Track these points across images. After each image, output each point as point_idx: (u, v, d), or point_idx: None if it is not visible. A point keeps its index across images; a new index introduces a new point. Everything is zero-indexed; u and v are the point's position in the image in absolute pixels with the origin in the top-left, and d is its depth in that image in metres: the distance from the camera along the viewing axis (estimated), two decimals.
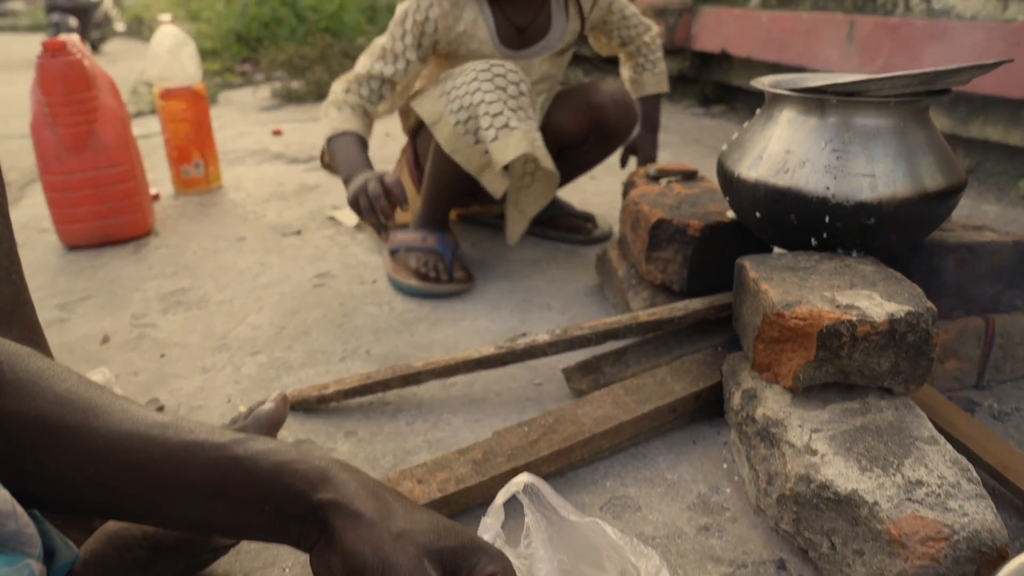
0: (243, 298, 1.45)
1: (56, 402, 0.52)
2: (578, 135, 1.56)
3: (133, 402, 0.54)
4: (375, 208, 1.24)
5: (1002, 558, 0.62)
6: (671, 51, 3.26)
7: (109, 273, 1.60)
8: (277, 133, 3.03)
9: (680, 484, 0.88)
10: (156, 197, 2.09)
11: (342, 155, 1.37)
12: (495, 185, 1.35)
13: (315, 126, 3.20)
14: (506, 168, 1.36)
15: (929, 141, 0.89)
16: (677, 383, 0.95)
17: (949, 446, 0.71)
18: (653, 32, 1.63)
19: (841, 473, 0.69)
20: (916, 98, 0.86)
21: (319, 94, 3.91)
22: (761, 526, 0.80)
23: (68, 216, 1.70)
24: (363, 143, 1.40)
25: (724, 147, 1.04)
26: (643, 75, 1.65)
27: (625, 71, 1.69)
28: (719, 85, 3.26)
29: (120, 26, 11.14)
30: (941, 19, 1.97)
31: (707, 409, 0.97)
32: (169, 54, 2.05)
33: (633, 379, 0.97)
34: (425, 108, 1.36)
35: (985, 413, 1.00)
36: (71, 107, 1.64)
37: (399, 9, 1.42)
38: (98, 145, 1.68)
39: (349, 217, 1.85)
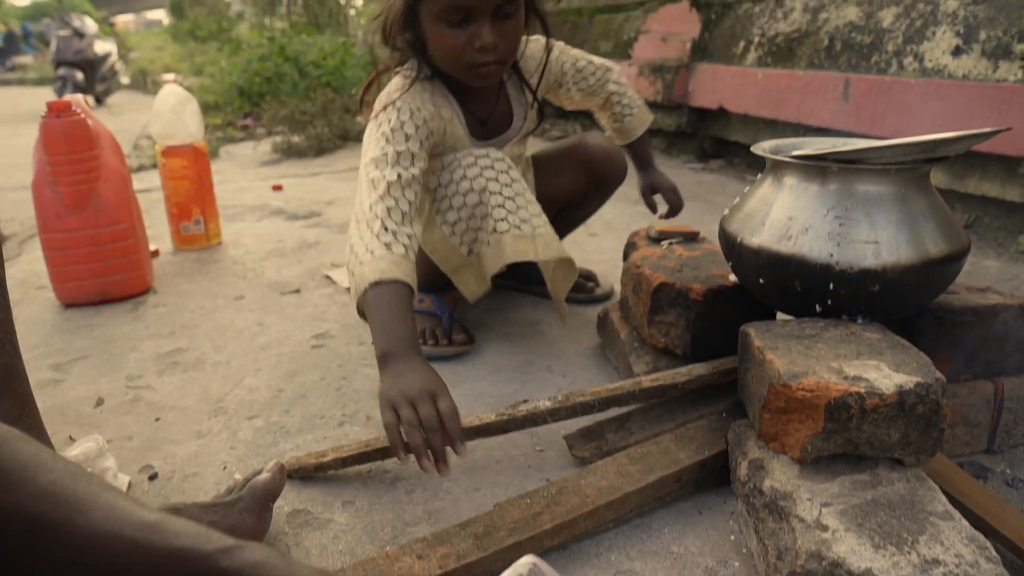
0: (241, 359, 1.43)
1: (39, 495, 0.50)
2: (576, 193, 1.57)
3: (120, 494, 0.52)
4: (422, 442, 0.88)
5: None
6: (668, 107, 3.31)
7: (106, 332, 1.59)
8: (277, 188, 3.05)
9: (687, 557, 0.86)
10: (155, 253, 2.09)
11: (385, 317, 1.02)
12: (471, 288, 1.33)
13: (315, 181, 3.22)
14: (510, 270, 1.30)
15: (931, 207, 0.89)
16: (682, 451, 0.93)
17: (965, 521, 0.69)
18: (615, 73, 1.55)
19: (854, 551, 0.67)
20: (916, 165, 0.86)
21: (319, 148, 3.95)
22: None
23: (66, 274, 1.70)
24: (411, 298, 1.07)
25: (726, 211, 1.04)
26: (625, 120, 1.58)
27: (604, 120, 1.62)
28: (717, 140, 3.30)
29: (125, 79, 11.34)
30: (934, 78, 2.00)
31: (713, 478, 0.95)
32: (172, 112, 2.07)
33: (637, 447, 0.95)
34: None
35: (998, 480, 0.98)
36: (73, 166, 1.64)
37: (386, 120, 1.23)
38: (99, 203, 1.69)
39: (346, 278, 1.81)
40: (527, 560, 0.58)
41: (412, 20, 1.20)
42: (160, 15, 29.04)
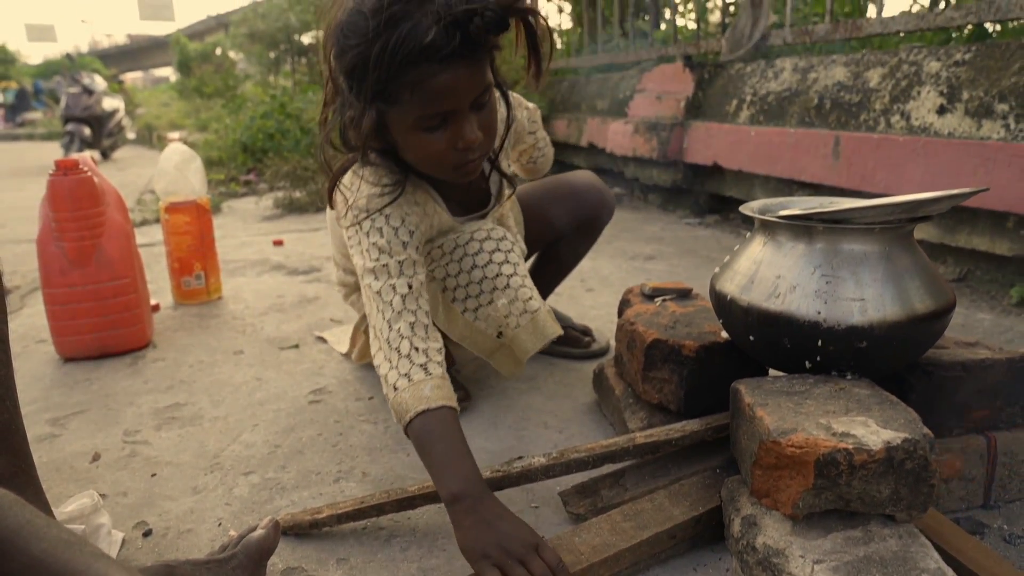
0: (238, 414, 1.44)
1: (30, 566, 0.50)
2: (565, 228, 1.59)
3: (112, 562, 0.52)
4: None
5: None
6: (664, 163, 3.37)
7: (104, 387, 1.59)
8: (278, 243, 3.08)
9: None
10: (156, 308, 2.10)
11: (442, 452, 0.97)
12: (508, 368, 1.33)
13: (316, 236, 3.26)
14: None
15: (915, 265, 0.91)
16: (676, 508, 0.94)
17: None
18: (538, 114, 1.51)
19: None
20: (900, 224, 0.89)
21: (320, 204, 4.01)
22: None
23: (67, 328, 1.71)
24: (458, 422, 1.02)
25: (716, 269, 1.06)
26: (539, 162, 1.58)
27: (516, 158, 1.56)
28: (712, 196, 3.35)
29: (131, 134, 11.55)
30: (920, 136, 2.05)
31: (707, 534, 0.95)
32: (176, 170, 2.11)
33: (631, 504, 0.95)
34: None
35: (995, 536, 0.98)
36: (78, 222, 1.67)
37: (375, 231, 1.17)
38: (102, 259, 1.71)
39: (340, 342, 1.79)
40: None
41: (382, 130, 1.11)
42: (168, 72, 29.74)
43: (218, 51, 19.50)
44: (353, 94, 1.07)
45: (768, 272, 0.93)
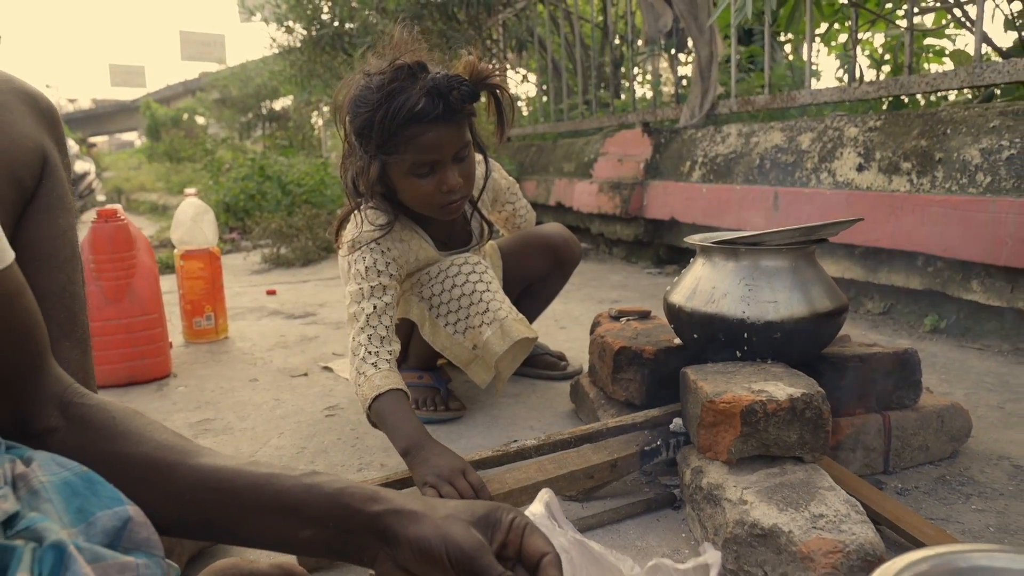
0: (264, 426, 1.66)
1: (158, 447, 0.71)
2: (541, 271, 1.87)
3: (216, 451, 0.74)
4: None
5: (881, 563, 0.84)
6: (627, 219, 3.70)
7: (137, 407, 1.79)
8: (271, 292, 3.31)
9: (647, 549, 1.09)
10: (169, 345, 2.31)
11: (394, 421, 1.29)
12: (480, 376, 1.58)
13: (305, 287, 3.50)
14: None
15: (817, 275, 1.20)
16: (596, 456, 1.20)
17: (843, 491, 0.95)
18: (517, 187, 1.88)
19: (765, 513, 0.92)
20: (803, 245, 1.18)
21: (305, 259, 4.25)
22: None
23: (100, 358, 1.91)
24: (407, 399, 1.35)
25: (668, 288, 1.34)
26: (522, 226, 1.92)
27: (501, 222, 1.91)
28: (670, 248, 3.67)
29: (101, 196, 11.69)
30: (844, 190, 2.39)
31: (624, 476, 1.23)
32: (192, 221, 2.36)
33: (560, 454, 1.23)
34: (412, 313, 1.59)
35: (891, 491, 1.24)
36: (115, 264, 1.91)
37: (360, 259, 1.48)
38: (134, 296, 1.94)
39: (345, 370, 2.02)
40: (545, 493, 0.81)
41: (383, 176, 1.46)
42: (133, 136, 29.98)
43: (185, 116, 19.85)
44: (362, 149, 1.43)
45: (706, 284, 1.21)
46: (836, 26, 4.25)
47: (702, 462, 1.09)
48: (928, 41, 3.69)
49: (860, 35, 3.08)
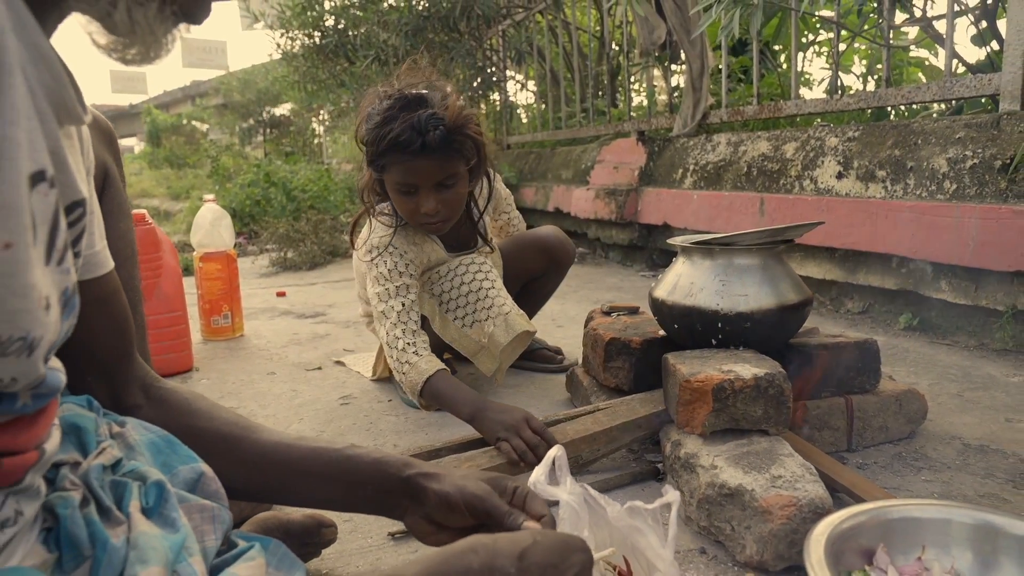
0: (284, 413, 1.80)
1: (225, 424, 0.87)
2: (538, 270, 2.04)
3: (272, 428, 0.89)
4: (530, 450, 1.26)
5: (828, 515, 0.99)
6: (622, 224, 3.85)
7: None
8: (281, 294, 3.46)
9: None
10: None
11: (451, 394, 1.48)
12: (486, 365, 1.75)
13: (313, 289, 3.64)
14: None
15: (785, 272, 1.34)
16: (642, 408, 1.37)
17: (800, 457, 1.09)
18: (511, 201, 2.06)
19: (732, 476, 1.07)
20: (771, 245, 1.32)
21: (312, 263, 4.39)
22: (687, 529, 1.15)
23: None
24: (450, 374, 1.56)
25: (653, 284, 1.49)
26: (513, 234, 2.09)
27: (494, 229, 2.06)
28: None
29: None
30: (824, 196, 2.54)
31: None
32: (211, 225, 2.50)
33: (612, 406, 1.39)
34: (424, 308, 1.75)
35: (853, 466, 1.38)
36: (144, 265, 2.05)
37: (382, 263, 1.67)
38: (160, 295, 2.08)
39: (357, 365, 2.18)
40: (555, 450, 0.95)
41: (381, 186, 1.69)
42: (132, 142, 30.17)
43: (185, 122, 20.03)
44: (366, 160, 1.64)
45: (685, 280, 1.36)
46: (821, 36, 4.41)
47: (680, 436, 1.23)
48: (914, 53, 3.86)
49: (847, 46, 3.23)
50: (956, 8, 2.48)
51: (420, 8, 5.46)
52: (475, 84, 6.07)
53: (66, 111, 0.53)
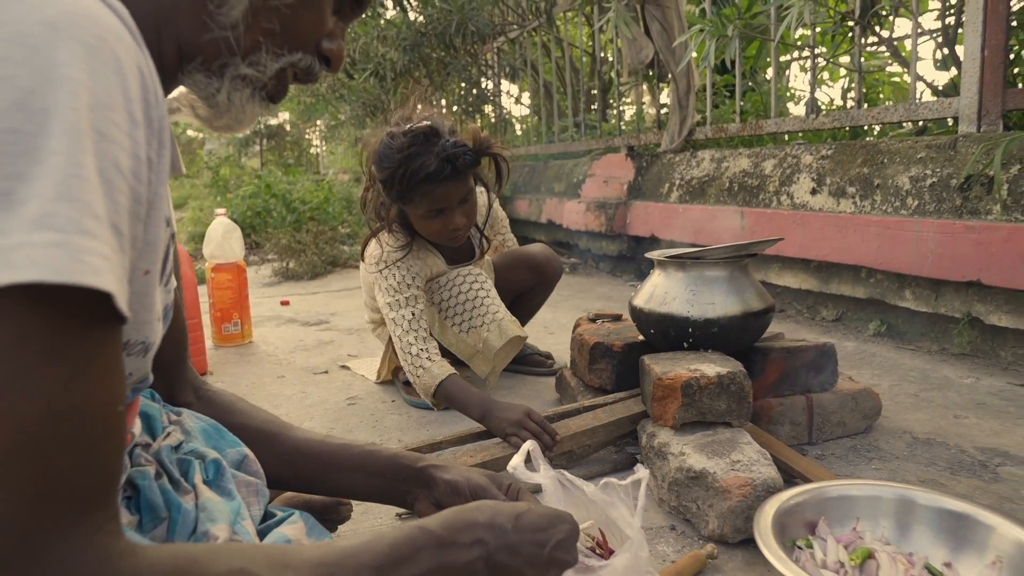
0: (296, 412, 1.95)
1: (264, 422, 1.02)
2: (527, 284, 2.20)
3: (303, 428, 1.04)
4: (539, 440, 1.41)
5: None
6: (611, 236, 4.01)
7: None
8: (285, 303, 3.60)
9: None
10: None
11: (462, 397, 1.64)
12: (482, 368, 1.92)
13: (316, 298, 3.79)
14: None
15: (749, 283, 1.50)
16: (636, 407, 1.50)
17: (757, 444, 1.25)
18: (506, 224, 2.26)
19: (697, 461, 1.22)
20: (736, 259, 1.48)
21: (313, 273, 4.54)
22: (660, 510, 1.31)
23: None
24: (461, 378, 1.71)
25: (632, 294, 1.64)
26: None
27: (491, 253, 2.25)
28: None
29: None
30: (800, 211, 2.70)
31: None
32: (222, 237, 2.66)
33: (611, 405, 1.54)
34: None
35: (812, 456, 1.54)
36: None
37: (391, 276, 1.83)
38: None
39: (361, 368, 2.33)
40: (528, 444, 1.11)
41: (402, 215, 1.86)
42: None
43: (181, 131, 20.16)
44: (385, 194, 1.79)
45: (660, 290, 1.52)
46: (806, 53, 4.59)
47: (655, 428, 1.39)
48: (891, 69, 4.03)
49: (827, 63, 3.39)
50: (920, 30, 2.65)
51: (417, 24, 5.63)
52: (470, 99, 6.24)
53: (175, 167, 0.69)
